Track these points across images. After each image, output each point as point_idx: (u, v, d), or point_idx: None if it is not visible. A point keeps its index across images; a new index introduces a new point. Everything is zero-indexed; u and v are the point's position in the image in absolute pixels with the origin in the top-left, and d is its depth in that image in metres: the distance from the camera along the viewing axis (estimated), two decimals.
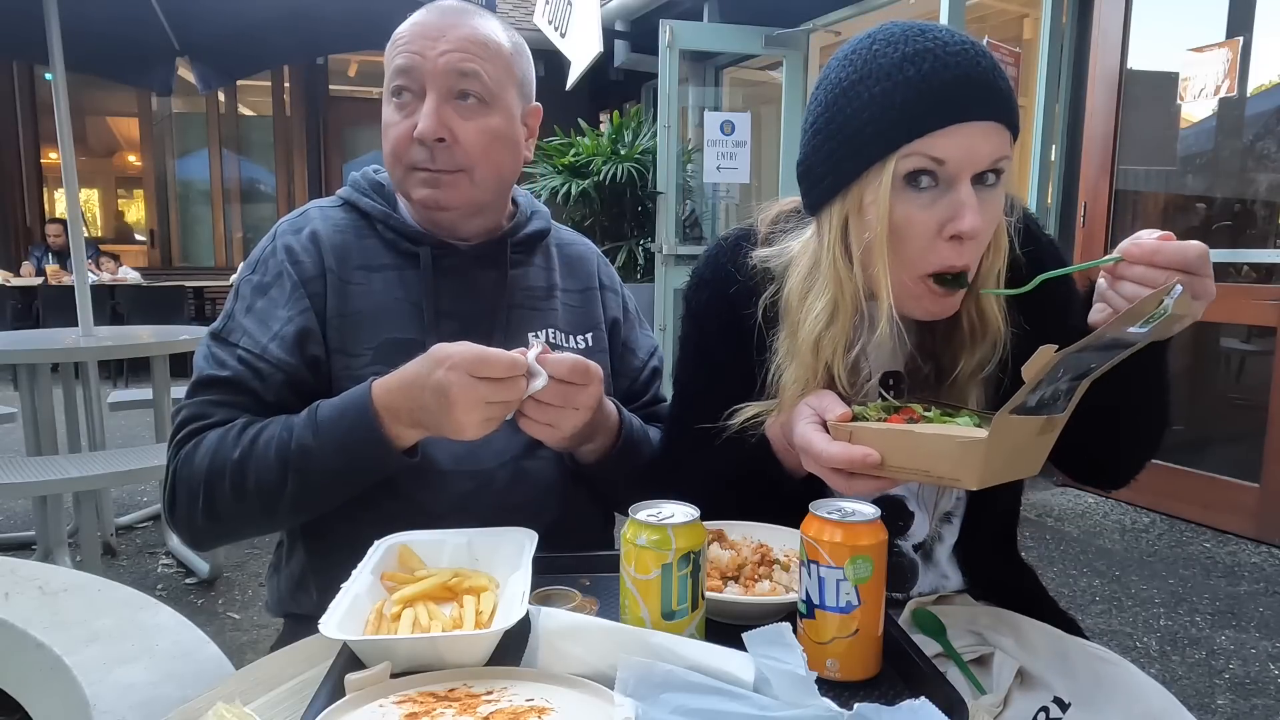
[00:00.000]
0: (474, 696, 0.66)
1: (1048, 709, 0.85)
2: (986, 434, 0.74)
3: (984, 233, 0.86)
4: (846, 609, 0.73)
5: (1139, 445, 1.03)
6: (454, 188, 1.10)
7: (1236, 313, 3.70)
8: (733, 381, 1.04)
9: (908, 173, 0.84)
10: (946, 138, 0.82)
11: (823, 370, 0.94)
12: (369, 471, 1.01)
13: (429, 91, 1.07)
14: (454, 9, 1.11)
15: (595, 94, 7.84)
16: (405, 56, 1.07)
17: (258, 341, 1.07)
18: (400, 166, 1.11)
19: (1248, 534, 3.54)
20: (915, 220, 0.85)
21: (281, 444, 1.00)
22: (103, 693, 0.79)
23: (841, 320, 0.92)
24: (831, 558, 0.72)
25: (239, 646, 2.59)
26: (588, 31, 5.32)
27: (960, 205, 0.83)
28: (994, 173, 0.85)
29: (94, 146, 9.91)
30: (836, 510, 0.76)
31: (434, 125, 1.06)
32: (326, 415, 1.00)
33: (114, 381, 7.33)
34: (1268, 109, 3.90)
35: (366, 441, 0.97)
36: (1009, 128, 0.86)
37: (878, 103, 0.84)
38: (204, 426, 1.05)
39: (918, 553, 1.09)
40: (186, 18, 3.65)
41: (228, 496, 1.01)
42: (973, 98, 0.83)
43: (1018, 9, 5.92)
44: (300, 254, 1.12)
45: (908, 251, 0.87)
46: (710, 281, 1.07)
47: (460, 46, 1.07)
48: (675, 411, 1.16)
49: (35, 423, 3.21)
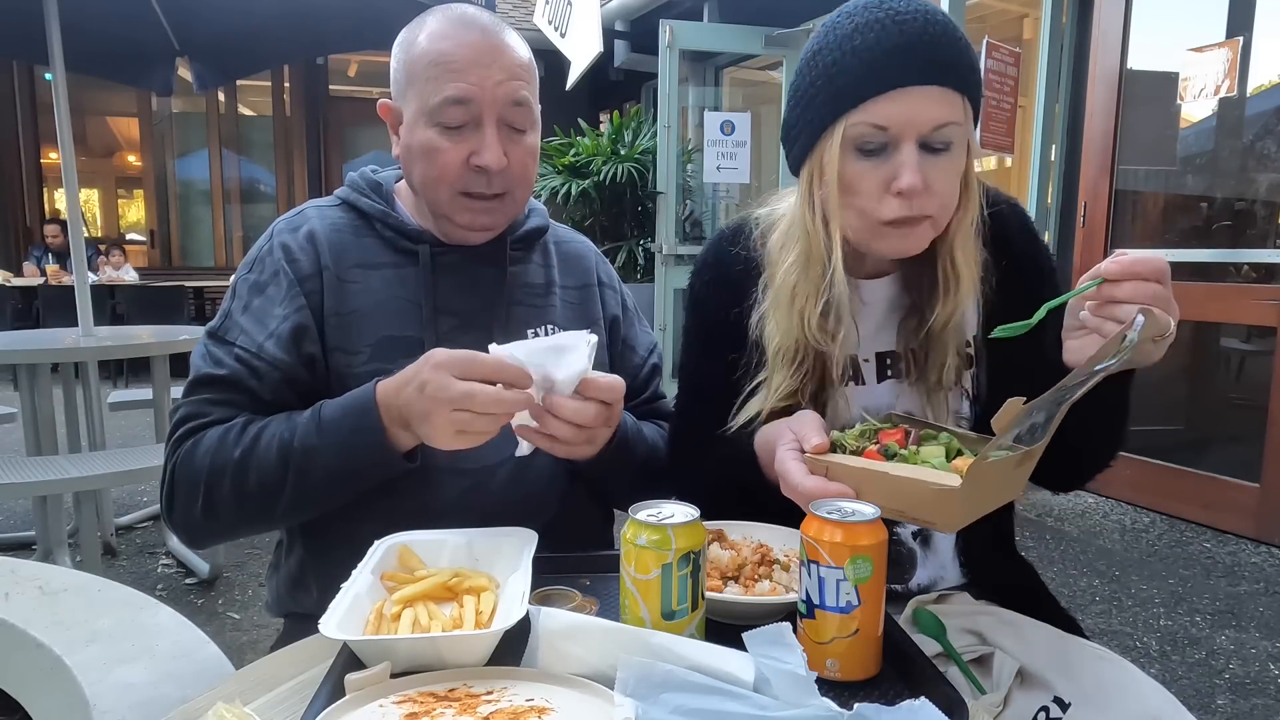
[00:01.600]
0: (474, 696, 0.66)
1: (1048, 709, 0.85)
2: (960, 482, 0.75)
3: (929, 191, 0.91)
4: (846, 609, 0.73)
5: (1092, 464, 1.08)
6: (500, 212, 1.14)
7: (1236, 313, 3.70)
8: (734, 364, 1.07)
9: (856, 138, 0.91)
10: (888, 103, 0.89)
11: (798, 320, 0.99)
12: (370, 473, 1.01)
13: (487, 122, 1.07)
14: (492, 26, 1.10)
15: (595, 94, 7.84)
16: (460, 87, 1.05)
17: (254, 340, 1.08)
18: (448, 190, 1.10)
19: (1248, 534, 3.54)
20: (865, 178, 0.92)
21: (284, 443, 1.00)
22: (103, 693, 0.79)
23: (811, 271, 0.99)
24: (831, 558, 0.72)
25: (239, 646, 2.59)
26: (588, 31, 5.32)
27: (901, 165, 0.89)
28: (943, 139, 0.90)
29: (94, 146, 9.91)
30: (836, 510, 0.75)
31: (499, 154, 1.07)
32: (330, 415, 1.00)
33: (114, 381, 7.33)
34: (1268, 109, 3.90)
35: (369, 444, 0.98)
36: (959, 92, 0.90)
37: (829, 72, 0.92)
38: (202, 425, 1.05)
39: (916, 540, 1.10)
40: (187, 17, 3.64)
41: (228, 495, 1.01)
42: (913, 65, 0.88)
43: (1018, 9, 5.93)
44: (297, 252, 1.12)
45: (860, 205, 0.94)
46: (712, 264, 1.13)
47: (514, 74, 1.08)
48: (681, 401, 1.18)
49: (35, 423, 3.21)
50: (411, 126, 1.10)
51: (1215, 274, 3.92)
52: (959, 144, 0.92)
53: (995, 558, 1.13)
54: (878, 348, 1.09)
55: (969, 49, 0.92)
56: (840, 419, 1.03)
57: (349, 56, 9.91)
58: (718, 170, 5.51)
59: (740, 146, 5.47)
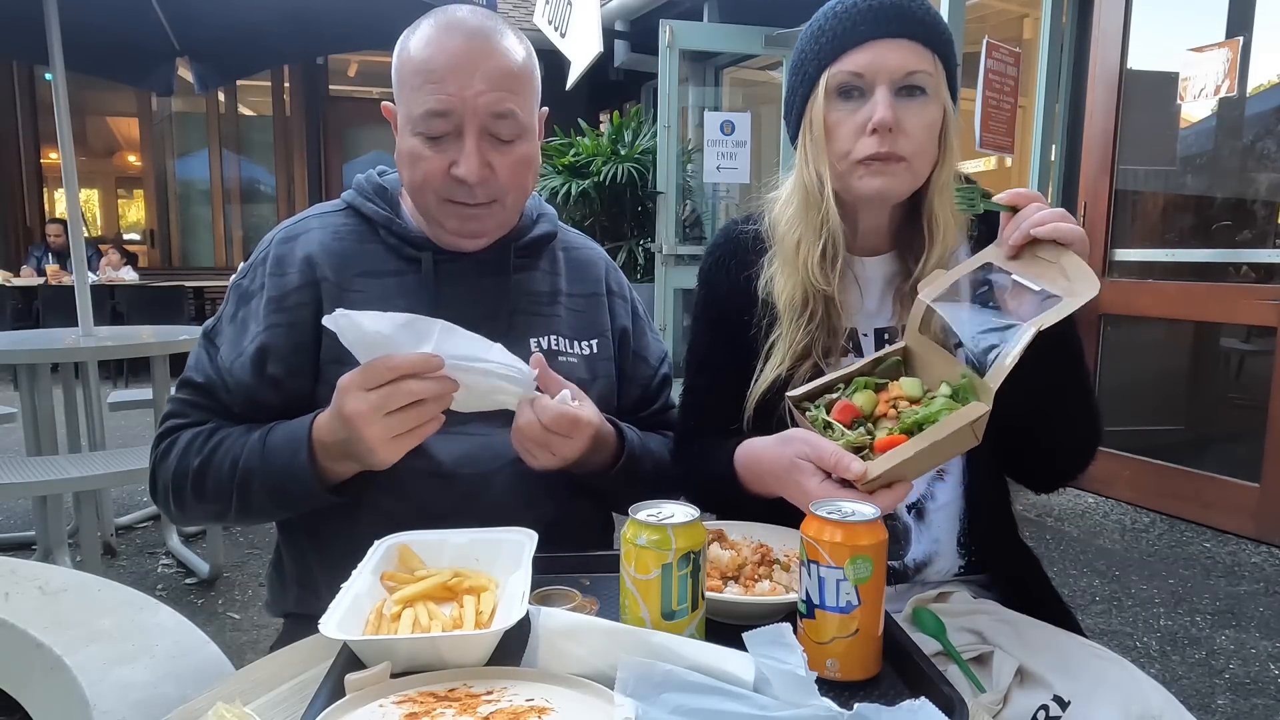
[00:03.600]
0: (474, 696, 0.66)
1: (1047, 707, 0.85)
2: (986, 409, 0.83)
3: (901, 130, 1.02)
4: (846, 609, 0.73)
5: (1066, 456, 1.11)
6: (489, 219, 1.13)
7: (1236, 313, 3.70)
8: (739, 345, 1.13)
9: (836, 86, 1.05)
10: (861, 53, 1.03)
11: (802, 266, 1.09)
12: (298, 502, 1.05)
13: (468, 133, 1.05)
14: (479, 32, 1.07)
15: (595, 94, 7.83)
16: (440, 99, 1.04)
17: (228, 356, 1.11)
18: (432, 196, 1.10)
19: (1248, 534, 3.54)
20: (844, 122, 1.05)
21: (233, 460, 1.05)
22: (103, 693, 0.79)
23: (810, 216, 1.09)
24: (831, 558, 0.73)
25: (239, 646, 2.59)
26: (588, 31, 5.32)
27: (875, 104, 1.02)
28: (913, 84, 1.02)
29: (94, 146, 9.90)
30: (836, 510, 0.76)
31: (478, 165, 1.06)
32: (273, 442, 1.04)
33: (114, 381, 7.33)
34: (1268, 109, 3.90)
35: (297, 476, 1.01)
36: (926, 45, 1.03)
37: (816, 37, 1.07)
38: (180, 425, 1.11)
39: (911, 514, 1.12)
40: (187, 17, 3.64)
41: (189, 497, 1.08)
42: (882, 18, 1.02)
43: (1018, 9, 5.92)
44: (287, 265, 1.13)
45: (840, 146, 1.06)
46: (722, 245, 1.21)
47: (497, 85, 1.05)
48: (688, 382, 1.22)
49: (35, 423, 3.21)
50: (401, 132, 1.10)
51: (1215, 274, 3.92)
52: (932, 94, 1.04)
53: (998, 542, 1.14)
54: (876, 324, 1.14)
55: (938, 17, 1.06)
56: None
57: (349, 56, 9.90)
58: (718, 170, 5.50)
59: (740, 146, 5.47)
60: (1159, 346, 4.34)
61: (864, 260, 1.15)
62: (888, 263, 1.15)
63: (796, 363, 1.08)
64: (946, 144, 1.07)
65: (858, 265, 1.15)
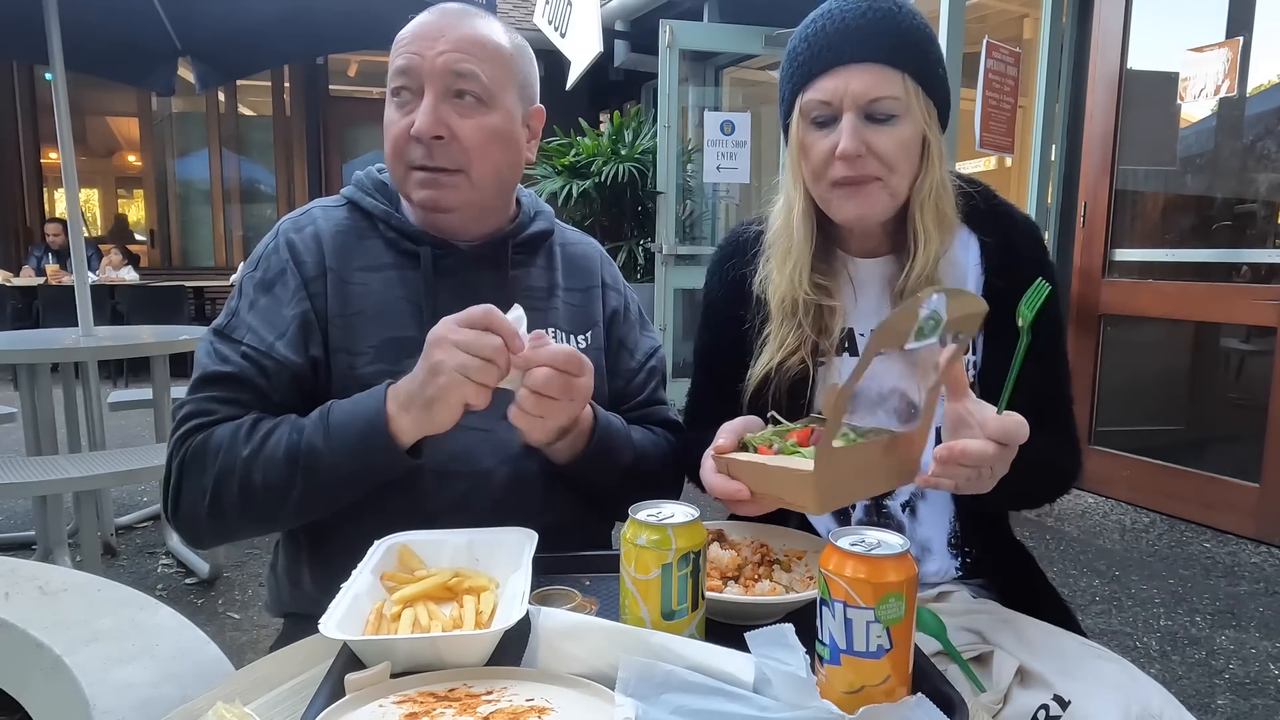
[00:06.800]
0: (474, 696, 0.66)
1: (1048, 707, 0.85)
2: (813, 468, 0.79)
3: (871, 155, 1.02)
4: (878, 654, 0.66)
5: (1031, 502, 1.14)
6: (453, 189, 1.11)
7: (1236, 313, 3.70)
8: (737, 343, 1.17)
9: (808, 111, 1.05)
10: (829, 80, 1.02)
11: (791, 279, 1.11)
12: (376, 475, 1.02)
13: (427, 90, 1.08)
14: (456, 11, 1.12)
15: (595, 94, 7.84)
16: (405, 57, 1.08)
17: (263, 339, 1.08)
18: (400, 165, 1.11)
19: (1248, 534, 3.54)
20: (817, 146, 1.05)
21: (292, 444, 1.00)
22: (103, 693, 0.79)
23: (798, 228, 1.11)
24: (860, 597, 0.65)
25: (239, 646, 2.59)
26: (588, 31, 5.32)
27: (839, 131, 1.02)
28: (879, 111, 1.01)
29: (94, 146, 9.91)
30: (860, 542, 0.69)
31: (431, 122, 1.07)
32: (339, 418, 1.00)
33: (114, 381, 7.33)
34: (1268, 109, 3.90)
35: (376, 447, 0.98)
36: (895, 65, 1.01)
37: (791, 56, 1.08)
38: (207, 423, 1.04)
39: (905, 512, 1.14)
40: (188, 16, 3.64)
41: (235, 495, 1.00)
42: (848, 44, 1.02)
43: (1018, 9, 5.92)
44: (303, 252, 1.12)
45: (815, 168, 1.07)
46: (725, 246, 1.26)
47: (458, 46, 1.08)
48: (693, 380, 1.28)
49: (35, 423, 3.21)
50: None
51: (1215, 274, 3.91)
52: (904, 116, 1.03)
53: (991, 543, 1.15)
54: (873, 325, 1.13)
55: (918, 32, 1.04)
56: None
57: (349, 56, 9.91)
58: (718, 170, 5.51)
59: (740, 146, 5.47)
60: (1159, 346, 4.34)
61: (861, 261, 1.16)
62: (885, 264, 1.15)
63: (787, 358, 1.11)
64: (927, 156, 1.07)
65: (854, 266, 1.16)
